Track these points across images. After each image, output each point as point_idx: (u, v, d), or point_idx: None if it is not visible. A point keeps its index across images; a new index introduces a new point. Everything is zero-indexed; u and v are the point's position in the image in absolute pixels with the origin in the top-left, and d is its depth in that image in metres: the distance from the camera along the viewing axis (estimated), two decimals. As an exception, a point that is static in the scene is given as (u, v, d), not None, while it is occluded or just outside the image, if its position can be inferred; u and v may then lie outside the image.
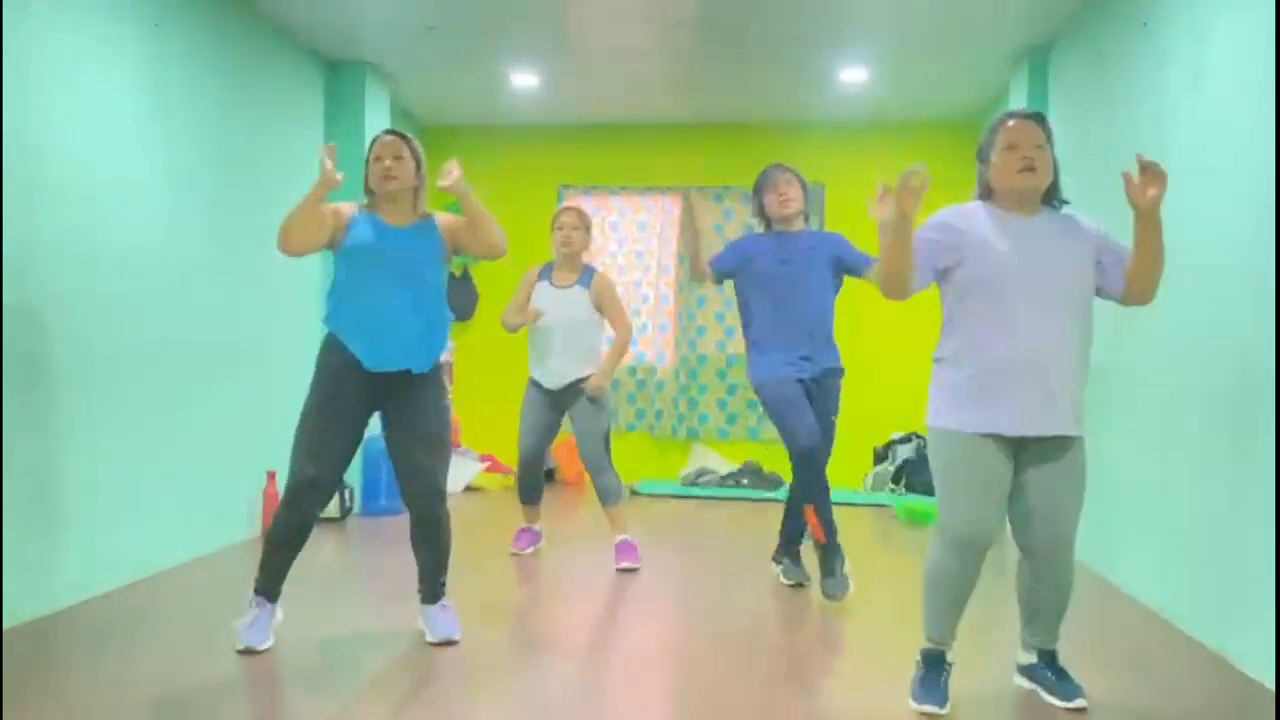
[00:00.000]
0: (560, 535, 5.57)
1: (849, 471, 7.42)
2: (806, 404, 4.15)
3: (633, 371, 7.97)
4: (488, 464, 7.53)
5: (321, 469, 3.32)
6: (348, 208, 3.46)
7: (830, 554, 4.10)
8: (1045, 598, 2.95)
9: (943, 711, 2.85)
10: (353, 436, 3.41)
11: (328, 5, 5.32)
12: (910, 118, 7.39)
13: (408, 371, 3.41)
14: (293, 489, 3.33)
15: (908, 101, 7.02)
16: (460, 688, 3.05)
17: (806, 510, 4.14)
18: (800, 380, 4.19)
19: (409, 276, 3.39)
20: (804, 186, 4.36)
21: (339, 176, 3.24)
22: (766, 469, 7.43)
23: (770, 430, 7.59)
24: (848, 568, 4.14)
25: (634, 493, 7.29)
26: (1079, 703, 2.89)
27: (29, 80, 3.64)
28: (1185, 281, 3.84)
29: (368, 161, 3.48)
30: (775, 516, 6.34)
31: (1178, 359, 3.89)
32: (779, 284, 4.23)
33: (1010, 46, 5.81)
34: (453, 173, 3.34)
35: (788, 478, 7.54)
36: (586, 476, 7.80)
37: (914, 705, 2.88)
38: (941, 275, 2.91)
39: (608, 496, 4.80)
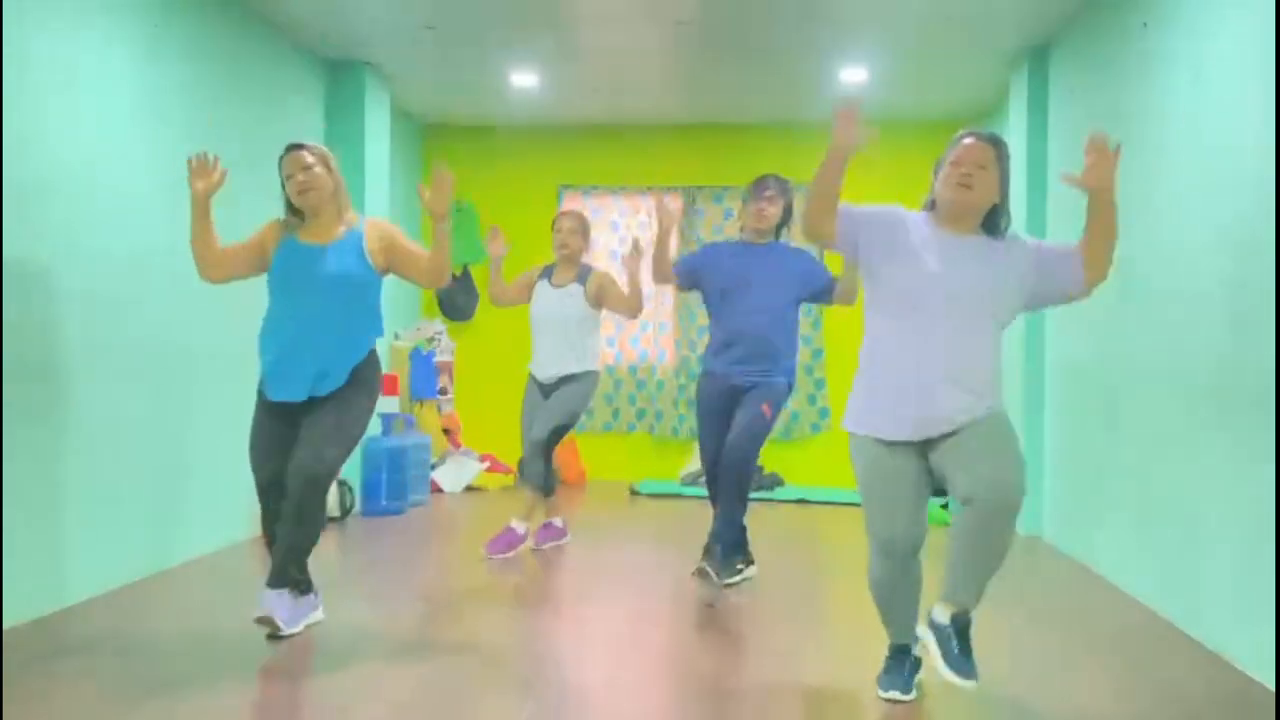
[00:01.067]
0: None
1: (849, 471, 7.42)
2: (718, 418, 4.33)
3: (633, 371, 7.97)
4: (488, 464, 7.53)
5: (276, 467, 3.40)
6: (274, 233, 3.53)
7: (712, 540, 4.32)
8: (976, 545, 2.77)
9: (906, 698, 2.98)
10: (288, 442, 3.42)
11: (328, 5, 5.32)
12: (910, 118, 7.38)
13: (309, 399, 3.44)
14: (259, 490, 3.47)
15: (907, 101, 7.02)
16: (460, 687, 3.05)
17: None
18: (727, 380, 4.31)
19: (327, 297, 3.40)
20: (787, 201, 4.44)
21: (212, 177, 3.38)
22: (766, 469, 7.43)
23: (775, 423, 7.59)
24: (734, 574, 4.35)
25: (634, 493, 7.29)
26: (969, 685, 2.79)
27: (29, 80, 3.64)
28: (1185, 281, 3.84)
29: (282, 184, 3.51)
30: (775, 516, 6.36)
31: (1178, 358, 3.89)
32: (731, 293, 4.34)
33: (1010, 46, 5.81)
34: (442, 187, 3.37)
35: (788, 477, 7.59)
36: (585, 477, 7.82)
37: (879, 693, 3.01)
38: (866, 266, 2.97)
39: (528, 480, 5.00)
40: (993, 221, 2.93)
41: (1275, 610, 3.06)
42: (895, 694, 2.99)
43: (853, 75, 6.42)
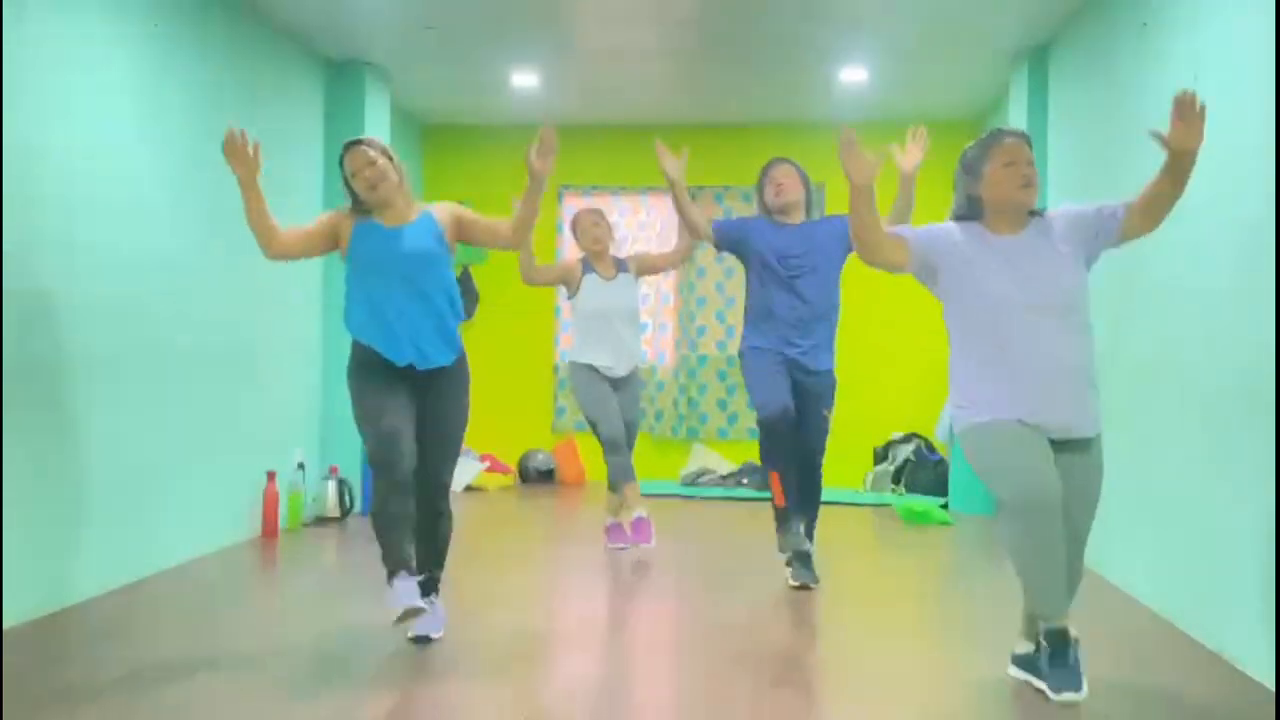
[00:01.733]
0: (560, 534, 5.57)
1: (849, 471, 7.43)
2: (783, 378, 4.20)
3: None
4: (488, 464, 7.53)
5: (395, 421, 3.31)
6: (347, 216, 3.53)
7: (782, 517, 4.29)
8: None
9: (1079, 697, 2.81)
10: (407, 410, 3.39)
11: (328, 5, 5.33)
12: (910, 118, 7.36)
13: (439, 366, 3.46)
14: (376, 451, 3.28)
15: (908, 101, 7.02)
16: (459, 686, 3.05)
17: (770, 475, 4.27)
18: (787, 356, 4.24)
19: (415, 275, 3.43)
20: (805, 179, 4.39)
21: (250, 159, 3.35)
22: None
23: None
24: (808, 547, 4.38)
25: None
26: (1079, 696, 2.80)
27: (29, 80, 3.64)
28: (1186, 280, 3.84)
29: (345, 179, 3.51)
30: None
31: (1177, 357, 3.89)
32: (775, 276, 4.27)
33: (1010, 46, 5.81)
34: (548, 155, 3.48)
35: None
36: (585, 477, 7.82)
37: (1051, 696, 2.84)
38: (943, 288, 3.00)
39: (629, 475, 5.00)
40: (1032, 211, 3.01)
41: (1275, 610, 3.06)
42: (1071, 695, 2.80)
43: (853, 75, 6.42)
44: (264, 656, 3.28)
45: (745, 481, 7.36)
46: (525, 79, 6.68)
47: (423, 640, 3.44)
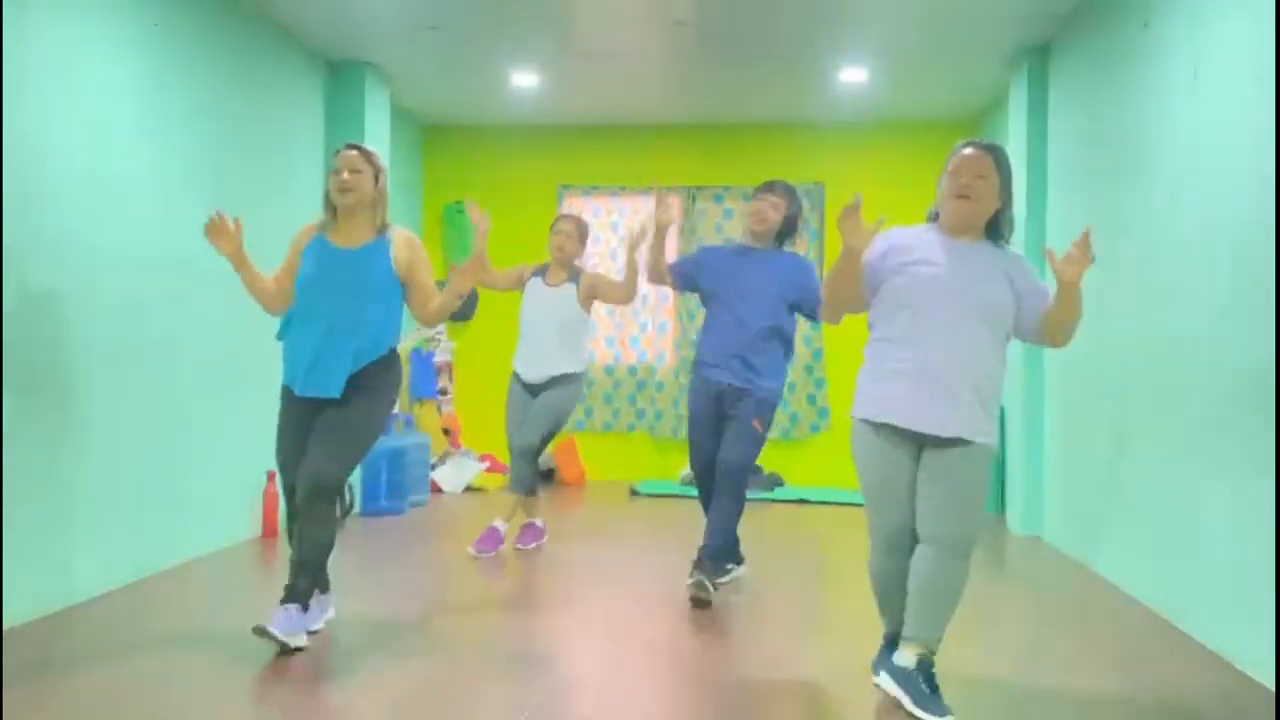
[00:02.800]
0: (560, 533, 5.57)
1: (849, 471, 7.42)
2: (707, 425, 4.29)
3: (633, 372, 7.96)
4: (488, 464, 7.53)
5: (291, 453, 3.49)
6: (307, 234, 3.59)
7: (703, 556, 4.23)
8: (936, 584, 2.89)
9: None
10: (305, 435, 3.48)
11: (328, 5, 5.33)
12: (910, 118, 7.39)
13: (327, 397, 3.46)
14: (284, 495, 3.55)
15: (907, 101, 7.02)
16: (459, 686, 3.05)
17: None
18: (719, 382, 4.25)
19: (349, 300, 3.45)
20: (791, 212, 4.36)
21: (232, 235, 3.45)
22: (765, 469, 7.43)
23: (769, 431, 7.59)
24: (724, 574, 4.38)
25: (634, 493, 7.29)
26: None
27: (29, 80, 3.64)
28: (1184, 281, 3.84)
29: (328, 175, 3.54)
30: (775, 517, 6.36)
31: (1177, 357, 3.89)
32: (723, 295, 4.32)
33: (1010, 46, 5.81)
34: (467, 278, 3.50)
35: (788, 477, 7.59)
36: (585, 477, 7.82)
37: (873, 678, 3.10)
38: (879, 290, 3.04)
39: (518, 485, 4.99)
40: (995, 229, 3.01)
41: (1275, 610, 3.06)
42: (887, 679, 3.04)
43: (853, 75, 6.42)
44: (264, 656, 3.28)
45: (745, 481, 7.35)
46: (525, 79, 6.68)
47: (282, 647, 3.32)
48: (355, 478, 6.16)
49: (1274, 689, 3.07)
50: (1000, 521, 6.06)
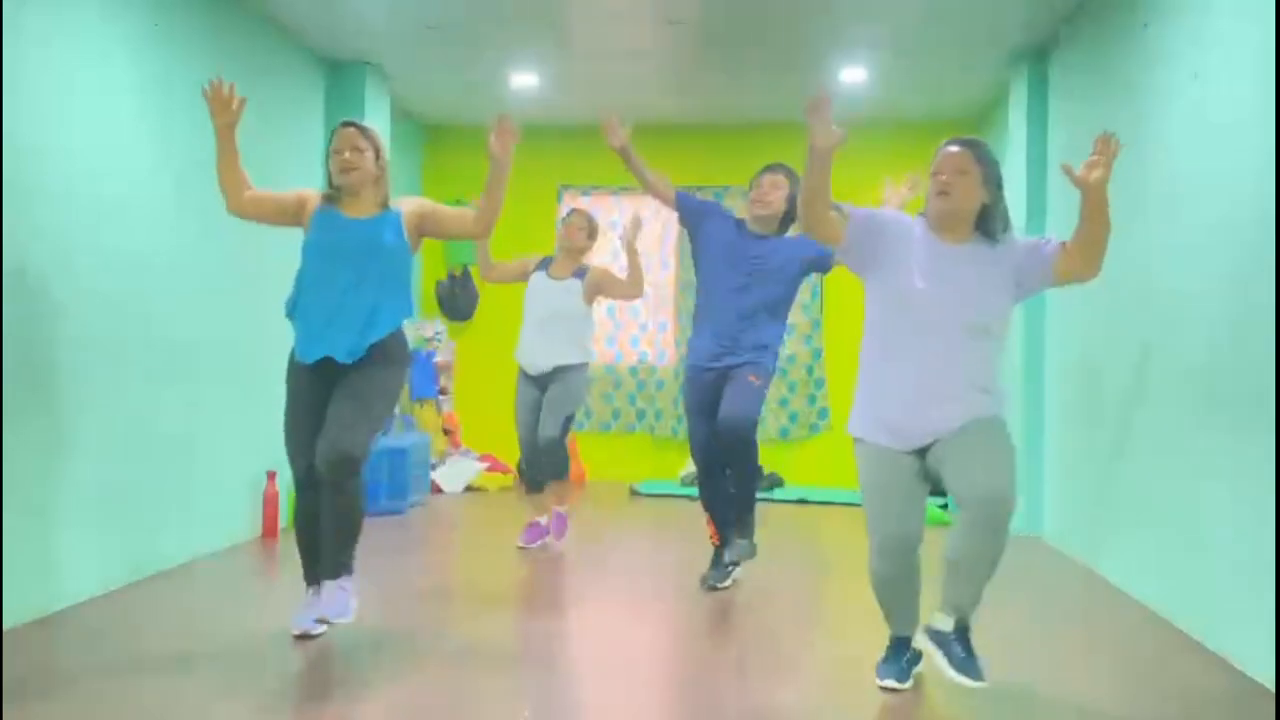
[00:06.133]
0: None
1: (849, 471, 7.42)
2: (705, 410, 4.22)
3: (633, 372, 7.97)
4: (488, 464, 7.53)
5: (311, 458, 3.39)
6: (314, 199, 3.55)
7: (716, 553, 4.35)
8: (972, 551, 2.80)
9: (902, 686, 3.04)
10: (320, 411, 3.42)
11: (328, 5, 5.33)
12: (910, 118, 7.38)
13: (340, 362, 3.40)
14: (296, 483, 3.48)
15: (908, 101, 7.02)
16: (459, 686, 3.05)
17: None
18: (711, 369, 4.20)
19: (362, 269, 3.42)
20: (794, 191, 4.28)
21: (232, 109, 3.40)
22: (766, 469, 7.43)
23: (769, 431, 7.60)
24: (733, 556, 4.36)
25: (634, 493, 7.29)
26: (980, 685, 2.80)
27: (29, 80, 3.64)
28: (1184, 280, 3.84)
29: (327, 155, 3.53)
30: (775, 516, 6.35)
31: (1176, 357, 3.90)
32: (723, 277, 4.23)
33: (1010, 46, 5.81)
34: (506, 139, 3.62)
35: (788, 477, 7.59)
36: (585, 477, 7.82)
37: (877, 681, 3.08)
38: (867, 270, 3.01)
39: (547, 476, 5.04)
40: (986, 224, 2.95)
41: (1275, 610, 3.06)
42: (892, 682, 3.05)
43: (853, 75, 6.42)
44: (264, 656, 3.28)
45: (745, 481, 7.35)
46: (525, 79, 6.68)
47: (303, 637, 3.40)
48: (355, 478, 6.16)
49: (1274, 689, 3.07)
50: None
